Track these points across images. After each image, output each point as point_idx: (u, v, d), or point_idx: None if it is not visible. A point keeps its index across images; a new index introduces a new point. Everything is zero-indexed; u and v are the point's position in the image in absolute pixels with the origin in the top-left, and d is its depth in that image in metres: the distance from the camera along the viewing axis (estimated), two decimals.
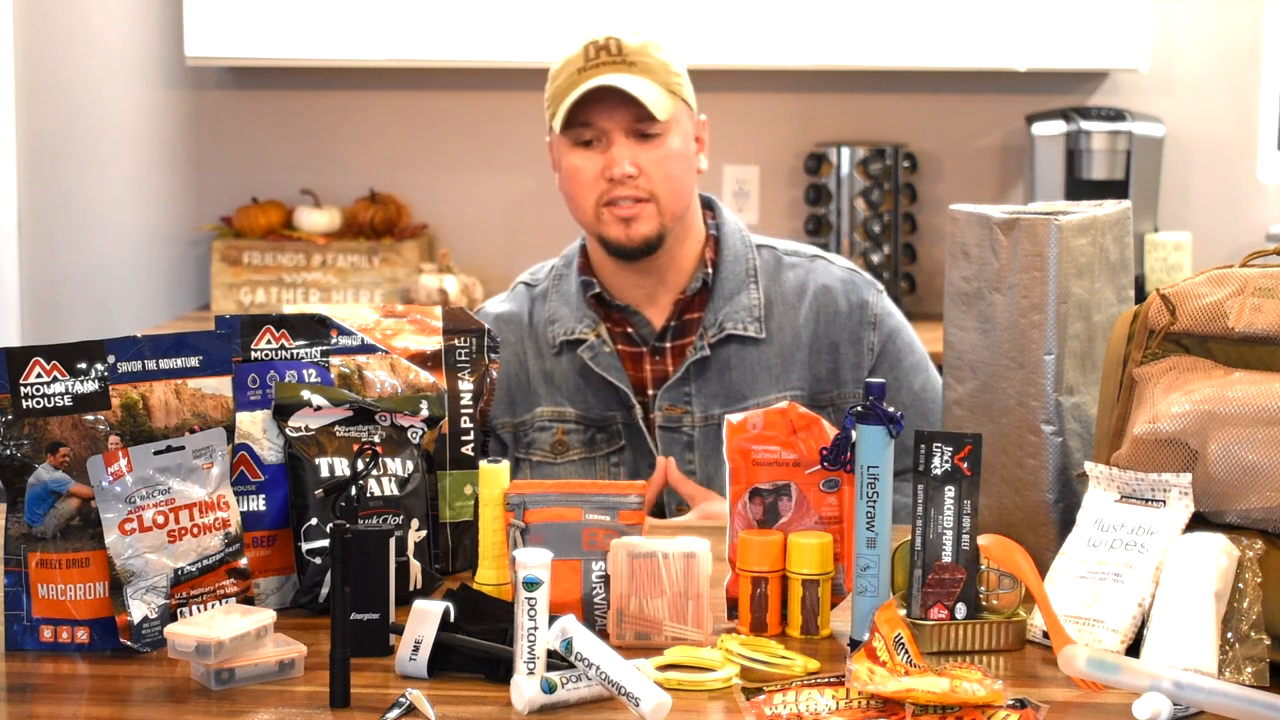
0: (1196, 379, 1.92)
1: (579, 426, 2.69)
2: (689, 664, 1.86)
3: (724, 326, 2.67)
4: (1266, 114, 4.66)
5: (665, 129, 2.63)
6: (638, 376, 2.70)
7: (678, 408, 2.67)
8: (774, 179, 4.73)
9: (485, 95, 4.74)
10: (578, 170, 2.64)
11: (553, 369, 2.71)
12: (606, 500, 2.01)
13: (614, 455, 2.69)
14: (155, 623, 1.93)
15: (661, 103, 2.61)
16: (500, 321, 2.75)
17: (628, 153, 2.62)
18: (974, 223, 2.15)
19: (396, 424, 2.12)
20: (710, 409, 2.66)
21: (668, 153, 2.63)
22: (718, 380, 2.67)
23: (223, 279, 4.60)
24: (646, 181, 2.62)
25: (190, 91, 4.78)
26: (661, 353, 2.69)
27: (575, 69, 2.62)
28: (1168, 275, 4.44)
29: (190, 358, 2.05)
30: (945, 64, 4.43)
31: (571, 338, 2.69)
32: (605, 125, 2.62)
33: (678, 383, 2.67)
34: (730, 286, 2.69)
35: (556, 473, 2.68)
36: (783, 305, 2.70)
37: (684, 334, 2.70)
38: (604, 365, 2.67)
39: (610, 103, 2.60)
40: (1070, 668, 1.80)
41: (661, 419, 2.67)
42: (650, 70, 2.62)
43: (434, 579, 2.12)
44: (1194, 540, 1.86)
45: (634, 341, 2.70)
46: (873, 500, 1.91)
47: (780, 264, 2.74)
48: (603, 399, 2.69)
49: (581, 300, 2.70)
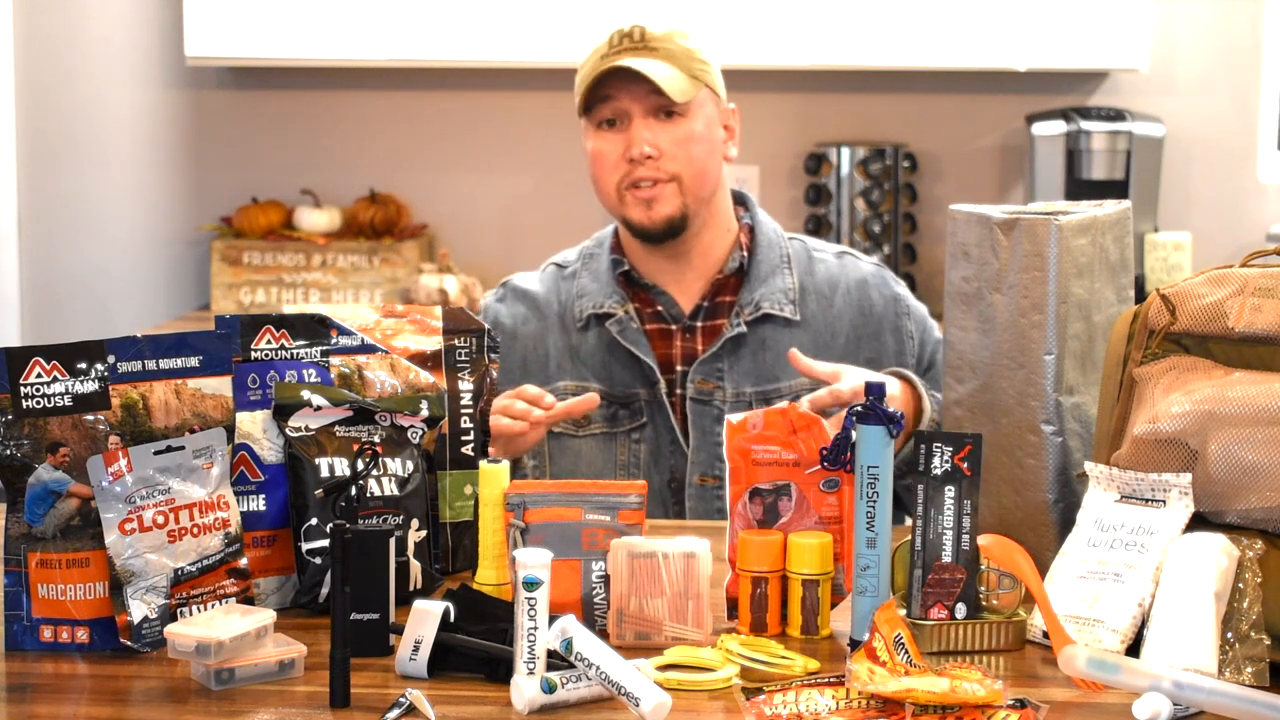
0: (1196, 379, 1.92)
1: (602, 402, 2.69)
2: (689, 664, 1.86)
3: (760, 306, 2.70)
4: (1266, 114, 4.65)
5: (686, 111, 2.65)
6: (666, 353, 2.71)
7: (710, 382, 2.68)
8: (774, 179, 4.73)
9: (485, 95, 4.74)
10: (601, 154, 2.67)
11: (579, 344, 2.73)
12: (606, 500, 2.01)
13: (635, 431, 2.70)
14: (155, 623, 1.93)
15: (679, 84, 2.62)
16: (527, 299, 2.78)
17: (647, 133, 2.63)
18: (974, 223, 2.15)
19: (396, 424, 2.12)
20: (742, 386, 2.68)
21: (689, 134, 2.64)
22: (750, 359, 2.69)
23: (223, 279, 4.60)
24: (668, 162, 2.64)
25: (190, 91, 4.78)
26: (693, 331, 2.72)
27: (599, 55, 2.66)
28: (1168, 275, 4.44)
29: (190, 358, 2.05)
30: (945, 64, 4.43)
31: (600, 312, 2.71)
32: (625, 105, 2.64)
33: (711, 358, 2.69)
34: (765, 269, 2.72)
35: (576, 445, 2.70)
36: (816, 294, 2.73)
37: (716, 315, 2.72)
38: (631, 339, 2.69)
39: (630, 83, 2.63)
40: (1070, 668, 1.80)
41: (693, 391, 2.68)
42: (672, 55, 2.64)
43: (434, 579, 2.12)
44: (1194, 540, 1.86)
45: (664, 319, 2.72)
46: (873, 500, 1.91)
47: (811, 257, 2.78)
48: (628, 374, 2.70)
49: (611, 278, 2.73)
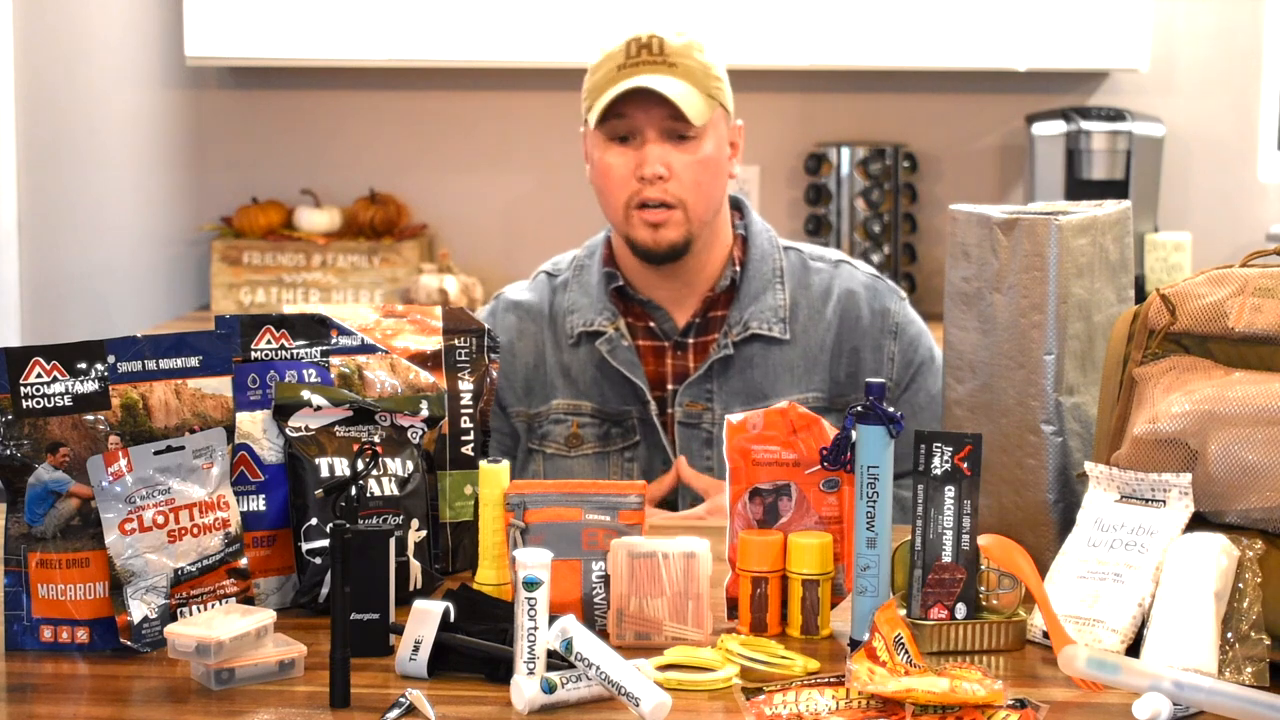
0: (1196, 379, 1.92)
1: (594, 420, 2.69)
2: (689, 664, 1.85)
3: (749, 325, 2.67)
4: (1266, 114, 4.65)
5: (700, 133, 2.62)
6: (657, 371, 2.70)
7: (698, 404, 2.67)
8: (774, 179, 4.73)
9: (485, 95, 4.74)
10: (611, 168, 2.64)
11: (570, 361, 2.71)
12: (606, 500, 2.00)
13: (628, 450, 2.69)
14: (155, 623, 1.93)
15: (698, 107, 2.60)
16: (519, 309, 2.75)
17: (660, 153, 2.61)
18: (974, 223, 2.15)
19: (396, 424, 2.12)
20: (731, 407, 2.65)
21: (700, 157, 2.62)
22: (739, 378, 2.67)
23: (223, 279, 4.60)
24: (676, 186, 2.61)
25: (190, 91, 4.78)
26: (684, 348, 2.70)
27: (615, 65, 2.61)
28: (1168, 275, 4.44)
29: (190, 358, 2.05)
30: (945, 64, 4.43)
31: (590, 329, 2.69)
32: (640, 123, 2.61)
33: (700, 379, 2.67)
34: (756, 286, 2.70)
35: (569, 466, 2.69)
36: (808, 308, 2.71)
37: (708, 331, 2.70)
38: (621, 359, 2.67)
39: (647, 102, 2.60)
40: (1070, 668, 1.80)
41: (681, 414, 2.67)
42: (690, 73, 2.61)
43: (434, 579, 2.12)
44: (1194, 540, 1.86)
45: (656, 335, 2.71)
46: (873, 500, 1.91)
47: (806, 268, 2.75)
48: (619, 393, 2.69)
49: (602, 292, 2.71)
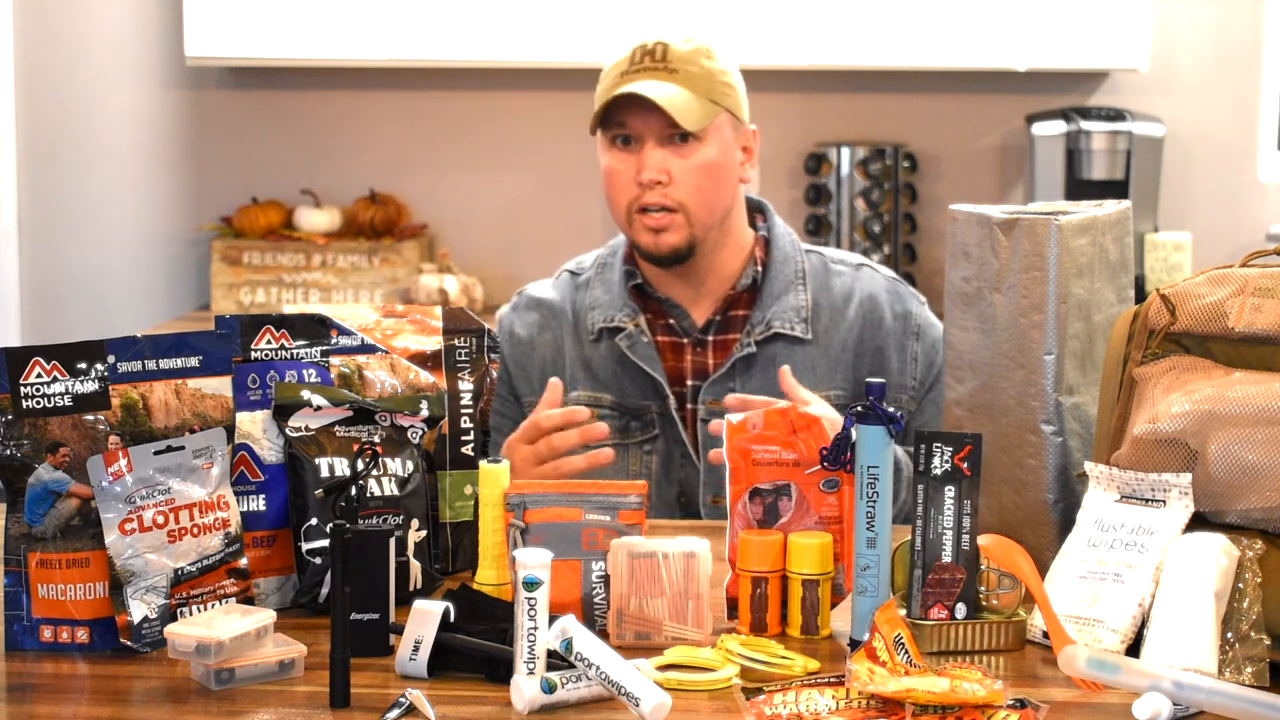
0: (1196, 379, 1.92)
1: (614, 413, 2.70)
2: (689, 664, 1.85)
3: (771, 325, 2.69)
4: (1266, 114, 4.66)
5: (702, 136, 2.63)
6: (677, 367, 2.71)
7: (721, 402, 2.68)
8: (774, 179, 4.73)
9: (485, 95, 4.75)
10: (614, 172, 2.66)
11: (591, 355, 2.73)
12: (606, 500, 2.00)
13: (647, 444, 2.70)
14: (155, 623, 1.93)
15: (693, 113, 2.60)
16: (541, 307, 2.78)
17: (658, 158, 2.62)
18: (974, 223, 2.15)
19: (396, 424, 2.12)
20: None
21: (700, 161, 2.63)
22: (761, 377, 2.68)
23: (223, 279, 4.60)
24: (676, 190, 2.63)
25: (190, 91, 4.78)
26: (704, 345, 2.71)
27: (619, 72, 2.64)
28: (1168, 275, 4.44)
29: (190, 358, 2.05)
30: (945, 64, 4.43)
31: (610, 325, 2.71)
32: (639, 129, 2.63)
33: (722, 378, 2.69)
34: (779, 286, 2.71)
35: None
36: (830, 310, 2.72)
37: (729, 329, 2.72)
38: (641, 355, 2.69)
39: (644, 108, 2.61)
40: (1070, 668, 1.80)
41: (704, 412, 2.68)
42: (691, 79, 2.62)
43: (434, 579, 2.12)
44: (1194, 540, 1.86)
45: (675, 332, 2.72)
46: (873, 500, 1.91)
47: (828, 270, 2.76)
48: (639, 387, 2.70)
49: (623, 289, 2.73)
